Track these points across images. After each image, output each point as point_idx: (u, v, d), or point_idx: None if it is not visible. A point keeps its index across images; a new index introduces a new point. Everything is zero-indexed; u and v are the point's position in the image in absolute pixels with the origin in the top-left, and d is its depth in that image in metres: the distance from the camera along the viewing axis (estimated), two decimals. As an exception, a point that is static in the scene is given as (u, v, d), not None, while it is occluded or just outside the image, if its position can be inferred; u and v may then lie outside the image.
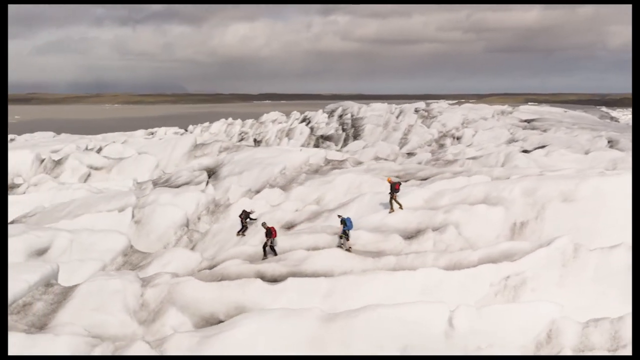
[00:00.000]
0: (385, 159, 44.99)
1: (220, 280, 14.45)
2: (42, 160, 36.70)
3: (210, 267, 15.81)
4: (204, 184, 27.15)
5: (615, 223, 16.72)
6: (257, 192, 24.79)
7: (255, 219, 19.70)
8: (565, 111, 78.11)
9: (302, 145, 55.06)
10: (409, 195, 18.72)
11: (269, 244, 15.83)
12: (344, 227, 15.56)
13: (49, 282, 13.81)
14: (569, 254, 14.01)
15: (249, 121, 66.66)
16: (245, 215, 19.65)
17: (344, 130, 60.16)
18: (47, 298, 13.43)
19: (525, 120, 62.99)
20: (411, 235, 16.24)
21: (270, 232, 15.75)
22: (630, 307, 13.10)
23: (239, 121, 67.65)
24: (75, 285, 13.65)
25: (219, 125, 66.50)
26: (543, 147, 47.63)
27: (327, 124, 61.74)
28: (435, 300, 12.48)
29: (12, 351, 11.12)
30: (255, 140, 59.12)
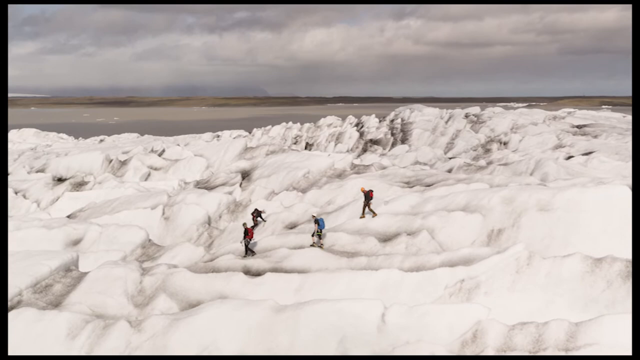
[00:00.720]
0: (426, 164, 45.32)
1: (212, 272, 15.93)
2: (110, 161, 39.82)
3: (210, 261, 17.31)
4: (237, 185, 28.81)
5: (588, 233, 16.83)
6: (278, 194, 26.15)
7: (265, 220, 21.07)
8: (624, 116, 74.59)
9: (351, 149, 56.00)
10: (398, 201, 19.47)
11: (244, 243, 17.00)
12: (317, 226, 16.67)
13: (68, 268, 15.76)
14: (523, 261, 14.42)
15: (306, 125, 68.23)
16: (257, 214, 21.05)
17: (392, 134, 60.48)
18: (65, 281, 15.36)
19: (577, 126, 60.93)
20: (387, 238, 17.06)
21: (246, 232, 16.97)
22: (577, 313, 13.49)
23: (297, 125, 69.28)
24: (88, 272, 15.52)
25: (278, 129, 68.54)
26: (590, 153, 46.40)
27: (377, 128, 62.23)
28: (381, 298, 13.37)
29: (22, 324, 13.03)
30: (307, 143, 60.65)
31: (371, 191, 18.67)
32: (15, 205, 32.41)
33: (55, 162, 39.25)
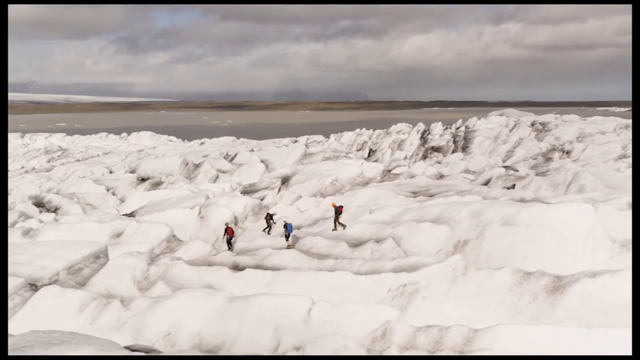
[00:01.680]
0: (474, 172, 44.87)
1: (207, 265, 18.07)
2: (187, 164, 43.66)
3: (214, 255, 19.50)
4: (276, 189, 30.91)
5: (547, 248, 17.05)
6: (300, 199, 27.87)
7: (275, 222, 22.93)
8: None
9: (411, 156, 56.27)
10: (383, 210, 20.56)
11: (226, 239, 19.29)
12: (285, 230, 18.34)
13: (98, 256, 18.62)
14: (459, 271, 15.15)
15: (377, 131, 68.96)
16: (269, 217, 22.94)
17: (454, 142, 59.81)
18: (93, 266, 18.21)
19: (652, 136, 56.82)
20: (358, 244, 18.30)
21: (226, 230, 19.12)
22: (501, 321, 14.07)
23: (367, 132, 70.17)
24: (109, 260, 18.28)
25: (349, 135, 70.00)
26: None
27: (441, 135, 61.75)
28: (333, 297, 14.80)
29: (47, 298, 15.88)
30: (370, 149, 61.52)
31: (341, 207, 19.96)
32: (104, 200, 36.85)
33: (144, 164, 43.74)
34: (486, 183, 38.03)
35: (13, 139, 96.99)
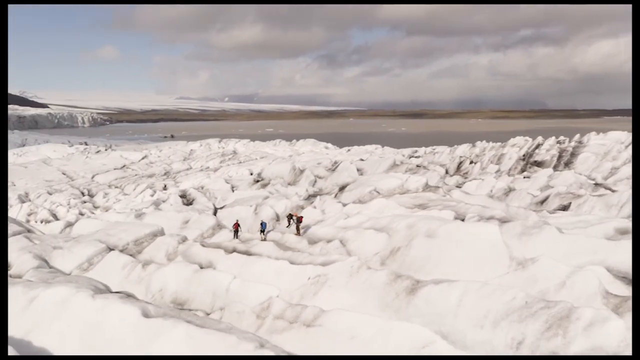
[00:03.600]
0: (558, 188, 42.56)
1: (217, 248, 22.98)
2: (295, 170, 49.27)
3: (229, 241, 24.34)
4: (334, 194, 34.52)
5: (454, 259, 18.38)
6: (342, 204, 31.03)
7: (294, 221, 26.85)
8: None
9: (508, 170, 54.18)
10: (353, 218, 23.16)
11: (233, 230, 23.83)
12: (261, 227, 22.26)
13: (155, 235, 24.82)
14: (354, 269, 17.71)
15: (491, 144, 66.05)
16: (289, 217, 26.95)
17: (560, 157, 55.29)
18: (149, 241, 24.41)
19: None
20: (315, 242, 21.47)
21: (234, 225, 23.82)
22: (377, 312, 16.42)
23: (482, 144, 67.45)
24: (158, 238, 24.33)
25: (462, 148, 68.24)
26: None
27: (548, 150, 57.32)
28: (273, 279, 18.58)
29: (108, 260, 22.34)
30: (471, 162, 59.76)
31: (301, 217, 23.12)
32: (226, 197, 44.28)
33: (267, 168, 50.56)
34: (543, 201, 36.72)
35: (212, 143, 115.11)
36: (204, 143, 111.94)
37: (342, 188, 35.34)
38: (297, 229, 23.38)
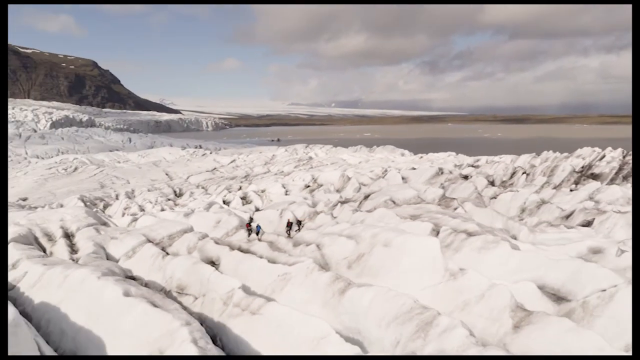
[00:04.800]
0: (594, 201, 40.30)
1: (226, 245, 26.16)
2: (343, 177, 51.31)
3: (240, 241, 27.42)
4: (358, 202, 36.20)
5: (399, 267, 19.70)
6: (353, 211, 32.69)
7: (302, 226, 29.31)
8: None
9: (561, 182, 51.30)
10: (338, 226, 24.90)
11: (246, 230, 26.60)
12: (257, 228, 24.81)
13: (185, 231, 28.70)
14: (309, 271, 19.79)
15: (555, 155, 61.98)
16: (298, 222, 29.42)
17: (620, 170, 50.62)
18: (179, 237, 28.32)
19: None
20: (298, 245, 23.70)
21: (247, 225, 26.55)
22: (318, 309, 18.46)
23: (548, 155, 63.53)
24: (185, 234, 28.12)
25: (524, 158, 64.70)
26: None
27: (609, 162, 52.61)
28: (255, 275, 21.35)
29: (143, 251, 26.54)
30: (525, 173, 56.56)
31: (291, 223, 25.24)
32: (279, 199, 47.73)
33: (322, 175, 53.30)
34: (568, 216, 35.42)
35: (299, 148, 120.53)
36: (290, 148, 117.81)
37: (366, 196, 36.91)
38: (288, 232, 25.84)
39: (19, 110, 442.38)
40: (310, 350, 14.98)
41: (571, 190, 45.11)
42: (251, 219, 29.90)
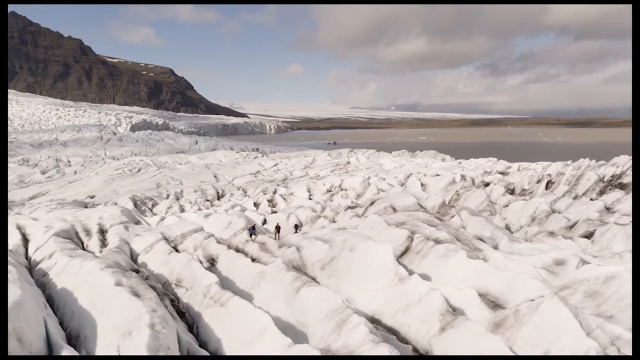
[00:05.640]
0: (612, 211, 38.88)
1: (227, 244, 28.45)
2: (364, 182, 52.33)
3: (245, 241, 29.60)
4: (364, 208, 37.33)
5: (357, 269, 20.94)
6: (351, 216, 33.85)
7: (299, 229, 31.01)
8: None
9: (587, 191, 49.28)
10: (323, 230, 26.34)
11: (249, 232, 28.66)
12: (249, 232, 26.74)
13: (195, 231, 31.33)
14: (278, 270, 21.54)
15: (585, 162, 58.72)
16: (296, 226, 31.16)
17: None
18: (189, 236, 30.99)
19: None
20: (283, 246, 25.46)
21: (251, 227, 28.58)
22: (277, 303, 20.21)
23: (582, 162, 60.22)
24: (197, 234, 30.74)
25: (555, 166, 61.81)
26: None
27: None
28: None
29: (154, 252, 29.46)
30: (549, 182, 54.19)
31: (279, 228, 26.86)
32: (301, 203, 49.67)
33: (346, 180, 54.70)
34: (572, 226, 34.79)
35: (343, 153, 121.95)
36: (335, 153, 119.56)
37: (372, 203, 37.96)
38: (276, 235, 27.70)
39: (104, 114, 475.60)
40: (254, 339, 16.79)
41: (591, 200, 43.54)
42: (253, 227, 31.99)
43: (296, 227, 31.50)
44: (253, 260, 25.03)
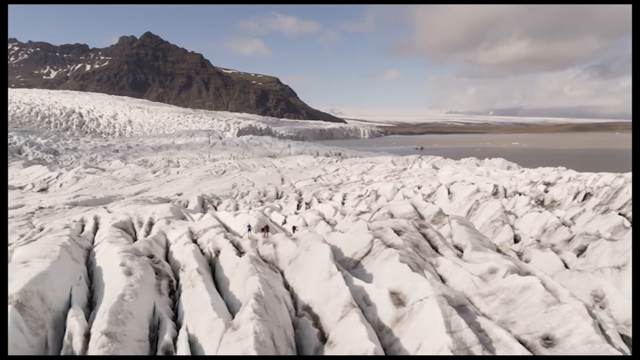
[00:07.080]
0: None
1: (230, 240, 32.51)
2: (394, 189, 53.34)
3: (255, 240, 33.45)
4: (372, 214, 39.17)
5: (312, 268, 23.55)
6: (352, 220, 35.87)
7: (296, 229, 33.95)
8: None
9: (623, 205, 45.52)
10: (302, 231, 29.05)
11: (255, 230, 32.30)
12: (248, 229, 30.29)
13: (214, 227, 35.93)
14: (246, 262, 25.03)
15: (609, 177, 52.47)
16: (293, 228, 34.15)
17: None
18: (210, 231, 35.63)
19: None
20: (265, 243, 28.81)
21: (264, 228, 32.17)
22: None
23: (609, 175, 53.96)
24: (214, 229, 35.29)
25: (569, 174, 56.09)
26: None
27: None
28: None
29: (180, 242, 34.56)
30: (587, 194, 49.57)
31: (268, 228, 29.84)
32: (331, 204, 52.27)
33: (382, 187, 56.29)
34: (570, 240, 33.93)
35: (410, 159, 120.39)
36: (402, 159, 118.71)
37: (379, 209, 39.74)
38: (265, 234, 31.10)
39: (216, 120, 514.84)
40: (199, 314, 20.53)
41: (619, 214, 40.73)
42: (266, 227, 35.31)
43: (294, 228, 34.59)
44: (242, 253, 28.88)
